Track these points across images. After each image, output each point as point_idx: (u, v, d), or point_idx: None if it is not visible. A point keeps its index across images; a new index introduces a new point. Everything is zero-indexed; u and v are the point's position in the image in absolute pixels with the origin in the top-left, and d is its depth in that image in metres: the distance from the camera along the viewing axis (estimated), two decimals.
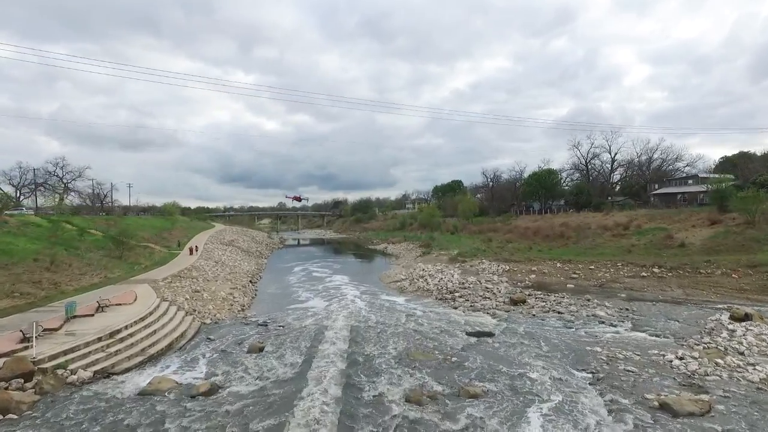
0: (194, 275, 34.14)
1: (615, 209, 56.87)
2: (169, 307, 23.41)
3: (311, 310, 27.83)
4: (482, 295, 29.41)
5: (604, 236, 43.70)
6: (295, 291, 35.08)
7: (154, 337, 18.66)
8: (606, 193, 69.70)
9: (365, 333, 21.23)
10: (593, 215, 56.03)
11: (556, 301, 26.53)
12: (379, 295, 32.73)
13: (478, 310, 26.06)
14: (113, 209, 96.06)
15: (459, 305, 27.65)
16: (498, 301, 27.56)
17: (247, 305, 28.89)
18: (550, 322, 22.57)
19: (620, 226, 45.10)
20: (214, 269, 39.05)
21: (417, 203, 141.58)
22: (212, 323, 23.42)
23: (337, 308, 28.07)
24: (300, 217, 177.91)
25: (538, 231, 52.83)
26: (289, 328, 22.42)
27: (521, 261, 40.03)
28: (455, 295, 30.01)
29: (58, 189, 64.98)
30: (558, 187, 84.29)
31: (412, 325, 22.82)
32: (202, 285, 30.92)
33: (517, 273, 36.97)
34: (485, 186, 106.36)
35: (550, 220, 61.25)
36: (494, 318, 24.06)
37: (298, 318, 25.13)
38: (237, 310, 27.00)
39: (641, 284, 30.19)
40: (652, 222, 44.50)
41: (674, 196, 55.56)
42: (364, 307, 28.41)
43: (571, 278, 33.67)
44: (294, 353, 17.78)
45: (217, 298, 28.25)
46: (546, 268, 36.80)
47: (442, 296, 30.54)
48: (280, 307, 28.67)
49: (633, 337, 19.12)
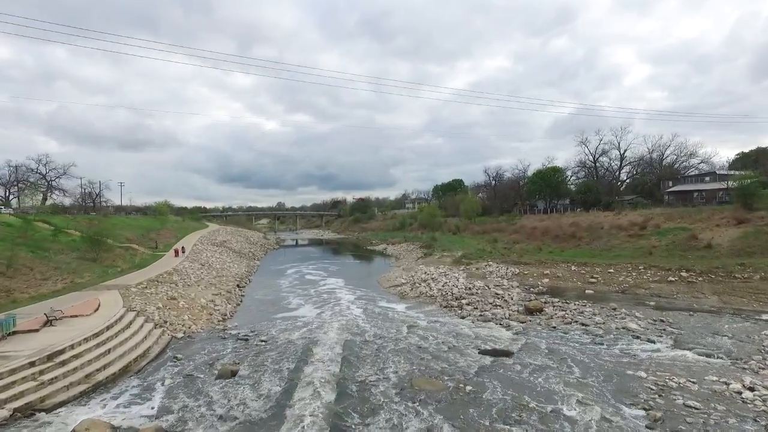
0: (174, 279, 31.05)
1: (627, 208, 53.79)
2: (135, 319, 20.32)
3: (301, 319, 24.77)
4: (492, 303, 26.35)
5: (619, 237, 40.64)
6: (286, 296, 32.01)
7: (106, 358, 15.56)
8: (615, 192, 66.61)
9: (361, 350, 18.16)
10: (604, 214, 52.94)
11: (578, 310, 23.46)
12: (377, 302, 29.68)
13: (488, 321, 23.00)
14: (106, 209, 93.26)
15: (467, 314, 24.59)
16: (511, 310, 24.49)
17: (230, 314, 25.81)
18: (574, 336, 19.49)
19: (636, 226, 42.02)
20: (199, 272, 35.96)
21: (417, 203, 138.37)
22: (185, 337, 20.32)
23: (330, 317, 25.04)
24: (298, 217, 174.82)
25: (547, 231, 49.72)
26: (272, 343, 19.34)
27: (532, 263, 36.97)
28: (462, 303, 26.95)
29: (41, 187, 61.80)
30: (563, 185, 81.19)
31: (414, 340, 19.75)
32: (181, 291, 27.84)
33: (528, 277, 33.90)
34: (487, 185, 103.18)
35: (558, 219, 58.15)
36: (509, 330, 20.99)
37: (286, 329, 22.06)
38: (217, 320, 23.91)
39: (669, 290, 27.13)
40: (671, 221, 41.43)
41: (690, 194, 52.53)
42: (360, 315, 25.36)
43: (589, 283, 30.60)
44: (273, 379, 14.69)
45: (196, 306, 25.16)
46: (560, 272, 33.75)
47: (447, 303, 27.48)
48: (266, 316, 25.61)
49: (679, 358, 16.04)
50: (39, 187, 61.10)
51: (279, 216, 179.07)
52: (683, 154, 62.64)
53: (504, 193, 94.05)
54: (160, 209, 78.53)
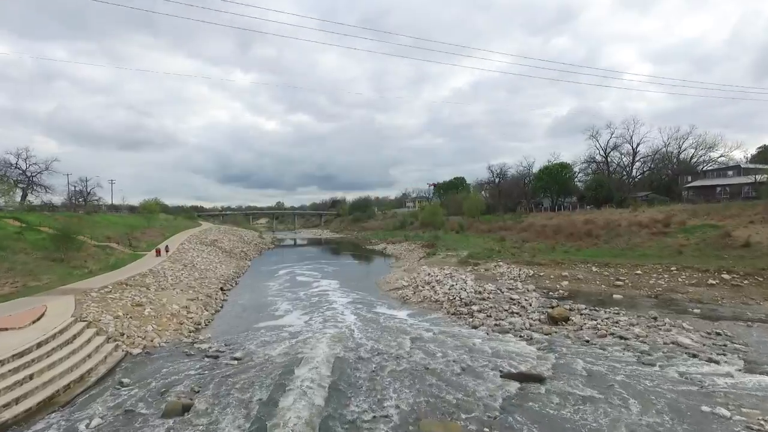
0: (147, 282, 27.57)
1: (643, 205, 50.33)
2: (82, 331, 16.86)
3: (287, 329, 21.31)
4: (508, 310, 22.86)
5: (640, 235, 37.14)
6: (273, 301, 28.54)
7: (23, 388, 12.09)
8: (628, 188, 63.12)
9: (354, 372, 14.70)
10: (619, 211, 49.49)
11: (611, 319, 19.96)
12: (375, 307, 26.23)
13: (506, 332, 19.53)
14: (98, 207, 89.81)
15: (479, 323, 21.12)
16: (531, 319, 21.00)
17: (205, 323, 22.32)
18: (614, 353, 16.00)
19: (658, 223, 38.55)
20: (179, 274, 32.48)
21: (417, 202, 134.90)
22: (142, 353, 16.84)
23: (321, 326, 21.63)
24: (297, 216, 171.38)
25: (559, 229, 46.22)
26: (247, 362, 15.88)
27: (547, 264, 33.48)
28: (473, 309, 23.46)
29: (19, 182, 58.27)
30: (572, 182, 77.79)
31: (419, 357, 16.30)
32: (152, 296, 24.35)
33: (544, 279, 30.41)
34: (491, 182, 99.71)
35: (569, 217, 54.71)
36: (531, 344, 17.52)
37: (267, 343, 18.62)
38: (188, 330, 20.42)
39: (711, 295, 23.64)
40: (696, 218, 37.97)
41: (713, 189, 49.06)
42: (355, 324, 21.91)
43: (615, 286, 27.11)
44: (236, 418, 11.20)
45: (164, 314, 21.66)
46: (580, 273, 30.25)
47: (455, 310, 23.99)
48: (247, 325, 22.15)
49: (761, 386, 12.55)
50: (17, 183, 57.51)
51: (277, 215, 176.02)
52: (702, 147, 59.12)
53: (508, 191, 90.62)
54: (149, 207, 74.93)
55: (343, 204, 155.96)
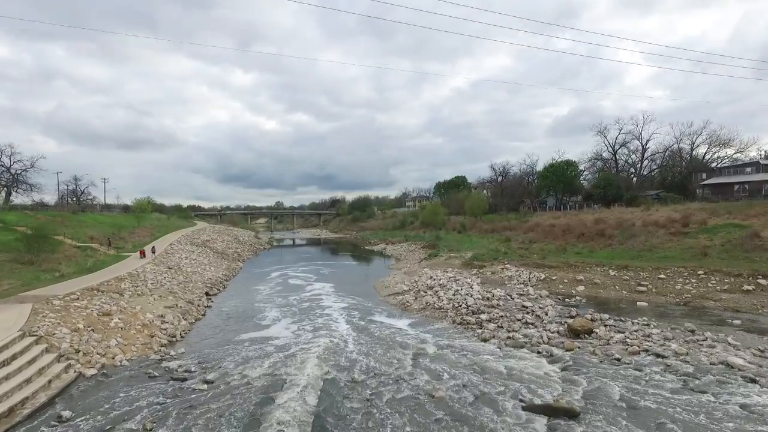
0: (122, 288, 25.11)
1: (655, 203, 47.87)
2: (29, 348, 14.41)
3: (272, 342, 18.89)
4: (521, 319, 20.39)
5: (658, 235, 34.65)
6: (262, 307, 26.10)
7: None
8: (638, 186, 60.63)
9: (345, 402, 12.25)
10: (630, 210, 47.02)
11: (641, 332, 17.48)
12: (373, 315, 23.80)
13: (521, 346, 17.08)
14: (93, 207, 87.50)
15: (490, 335, 18.67)
16: (549, 331, 18.52)
17: (182, 334, 19.87)
18: (654, 376, 13.53)
19: (676, 223, 36.06)
20: (161, 278, 30.01)
21: (417, 201, 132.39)
22: (98, 375, 14.37)
23: (311, 338, 19.22)
24: (296, 216, 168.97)
25: (568, 229, 43.74)
26: (219, 387, 13.43)
27: (558, 266, 31.00)
28: (481, 318, 20.99)
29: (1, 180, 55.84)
30: (577, 180, 75.27)
31: (423, 379, 13.86)
32: (124, 303, 21.88)
33: (557, 283, 27.93)
34: (493, 181, 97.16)
35: (576, 216, 52.23)
36: (553, 362, 15.08)
37: (247, 360, 16.19)
38: (159, 344, 17.97)
39: (749, 303, 21.16)
40: (717, 217, 35.50)
41: (730, 187, 46.60)
42: (349, 336, 19.48)
43: (637, 292, 24.63)
44: None
45: (135, 324, 19.20)
46: (596, 277, 27.77)
47: (461, 319, 21.53)
48: (228, 337, 19.73)
49: None
50: None
51: (276, 215, 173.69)
52: (715, 144, 56.55)
53: (511, 190, 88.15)
54: (141, 206, 72.50)
55: (343, 204, 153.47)
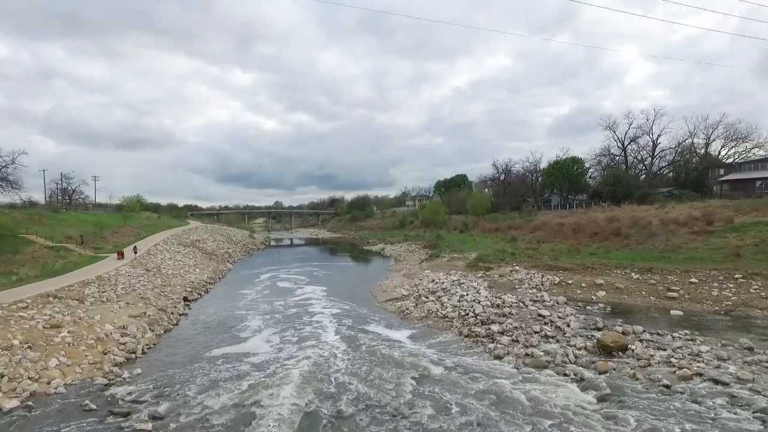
0: (85, 294, 22.29)
1: (671, 200, 45.04)
2: None
3: (248, 359, 16.09)
4: (540, 332, 17.54)
5: (679, 234, 31.80)
6: (244, 315, 23.25)
7: None
8: (650, 182, 57.79)
9: None
10: (644, 208, 44.20)
11: (687, 350, 14.59)
12: (368, 324, 20.98)
13: (543, 366, 14.24)
14: (85, 205, 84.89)
15: (504, 351, 15.84)
16: (575, 347, 15.66)
17: (144, 349, 17.01)
18: (719, 411, 10.68)
19: (698, 221, 33.21)
20: (135, 281, 27.16)
21: (417, 200, 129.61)
22: (20, 407, 11.52)
23: (294, 354, 16.47)
24: (294, 215, 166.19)
25: (579, 228, 40.87)
26: (168, 426, 10.63)
27: (573, 269, 28.14)
28: (492, 330, 18.15)
29: None
30: (583, 177, 72.50)
31: (426, 414, 11.07)
32: (82, 313, 19.03)
33: (574, 287, 25.07)
34: (495, 179, 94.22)
35: (585, 215, 49.43)
36: (586, 390, 12.25)
37: (213, 384, 13.38)
38: (112, 363, 15.11)
39: None
40: (743, 215, 32.69)
41: (752, 183, 43.80)
42: (339, 352, 16.68)
43: (668, 298, 21.79)
44: None
45: (86, 339, 16.32)
46: (618, 281, 24.92)
47: (469, 331, 18.67)
48: (197, 353, 16.92)
49: None
50: None
51: (275, 215, 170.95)
52: (732, 138, 53.67)
53: (514, 188, 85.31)
54: (130, 205, 69.74)
55: (341, 203, 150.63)
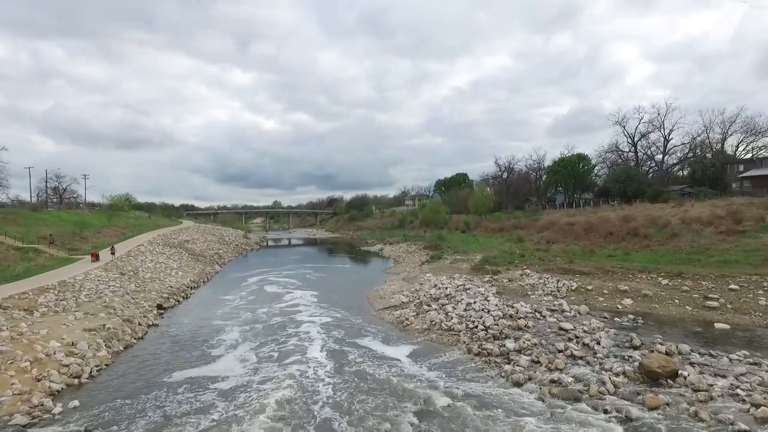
0: (38, 303, 19.50)
1: (689, 198, 42.24)
2: None
3: (214, 385, 13.34)
4: (564, 350, 14.74)
5: (704, 234, 29.04)
6: (221, 326, 20.47)
7: None
8: (663, 180, 54.95)
9: None
10: (660, 207, 41.44)
11: (755, 377, 11.79)
12: (361, 338, 18.20)
13: (575, 399, 11.48)
14: (77, 204, 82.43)
15: (524, 376, 13.06)
16: (611, 371, 12.86)
17: (93, 371, 14.22)
18: None
19: (723, 220, 30.44)
20: (103, 287, 24.35)
21: (417, 199, 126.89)
22: None
23: (271, 375, 13.77)
24: (292, 215, 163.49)
25: (591, 227, 38.11)
26: None
27: (591, 273, 25.35)
28: (507, 348, 15.36)
29: None
30: (590, 175, 69.77)
31: None
32: (25, 326, 16.23)
33: (594, 294, 22.26)
34: (498, 177, 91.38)
35: (594, 214, 46.67)
36: None
37: (164, 422, 10.74)
38: (46, 392, 12.35)
39: None
40: None
41: None
42: (326, 374, 13.93)
43: (707, 308, 18.99)
44: None
45: (19, 361, 13.48)
46: (644, 286, 22.09)
47: (480, 348, 15.87)
48: (156, 377, 14.15)
49: None
50: None
51: (273, 215, 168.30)
52: (751, 133, 50.79)
53: (517, 187, 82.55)
54: (118, 204, 66.96)
55: (340, 203, 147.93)
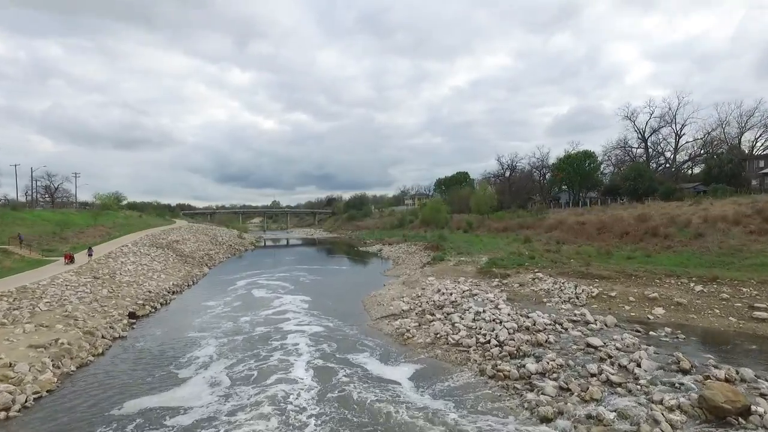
0: None
1: (705, 196, 39.84)
2: None
3: (173, 419, 10.94)
4: (598, 373, 12.26)
5: (733, 234, 26.62)
6: (195, 339, 17.98)
7: None
8: (676, 177, 52.57)
9: None
10: (677, 205, 39.01)
11: None
12: (356, 354, 15.70)
13: None
14: (70, 204, 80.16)
15: (553, 410, 10.58)
16: (660, 405, 10.37)
17: (29, 400, 11.74)
18: None
19: (752, 219, 27.98)
20: (69, 293, 21.85)
21: (417, 199, 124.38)
22: None
23: (243, 404, 11.26)
24: (291, 215, 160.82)
25: (604, 227, 35.66)
26: None
27: (611, 277, 22.86)
28: (528, 369, 12.88)
29: None
30: (597, 173, 67.37)
31: None
32: None
33: (618, 302, 19.77)
34: (500, 175, 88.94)
35: (603, 213, 44.26)
36: None
37: None
38: None
39: None
40: None
41: None
42: (310, 402, 11.44)
43: (755, 319, 16.50)
44: None
45: None
46: (675, 293, 19.62)
47: (494, 368, 13.37)
48: (104, 407, 11.69)
49: None
50: None
51: (271, 214, 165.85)
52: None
53: (520, 185, 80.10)
54: (106, 203, 64.41)
55: (339, 202, 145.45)
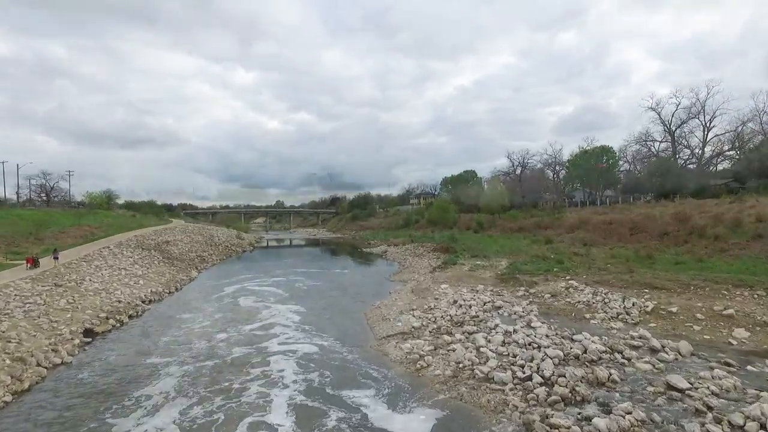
0: None
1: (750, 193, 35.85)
2: None
3: None
4: None
5: None
6: (155, 367, 14.33)
7: None
8: (705, 173, 48.51)
9: None
10: (715, 203, 35.06)
11: None
12: (354, 392, 11.97)
13: None
14: (67, 203, 77.62)
15: None
16: None
17: None
18: None
19: None
20: (15, 306, 18.29)
21: (422, 198, 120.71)
22: None
23: None
24: (294, 215, 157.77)
25: (637, 227, 31.67)
26: None
27: (666, 287, 18.91)
28: (596, 428, 9.07)
29: None
30: (615, 169, 63.45)
31: None
32: None
33: (682, 320, 15.86)
34: (510, 173, 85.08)
35: (628, 211, 40.33)
36: None
37: None
38: None
39: None
40: None
41: None
42: None
43: None
44: None
45: None
46: (753, 308, 15.68)
47: (546, 424, 9.58)
48: None
49: None
50: None
51: (274, 214, 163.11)
52: None
53: (532, 183, 76.15)
54: (97, 201, 61.19)
55: (343, 202, 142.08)
